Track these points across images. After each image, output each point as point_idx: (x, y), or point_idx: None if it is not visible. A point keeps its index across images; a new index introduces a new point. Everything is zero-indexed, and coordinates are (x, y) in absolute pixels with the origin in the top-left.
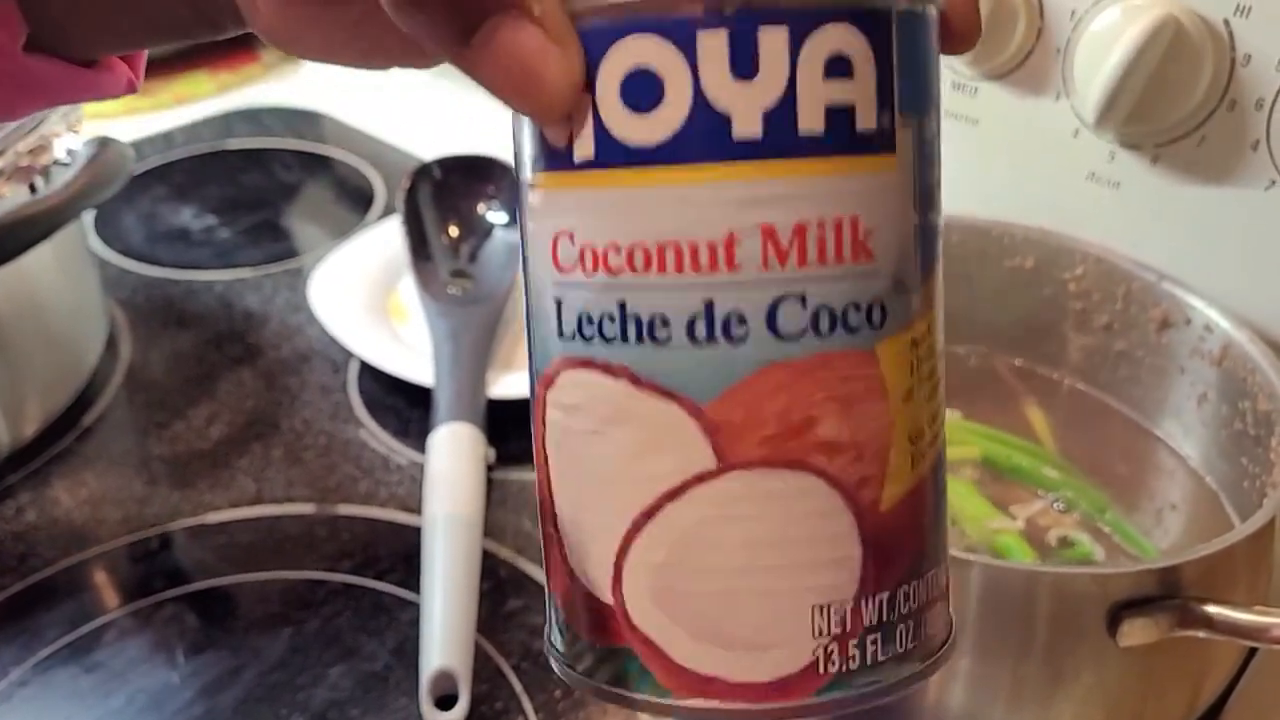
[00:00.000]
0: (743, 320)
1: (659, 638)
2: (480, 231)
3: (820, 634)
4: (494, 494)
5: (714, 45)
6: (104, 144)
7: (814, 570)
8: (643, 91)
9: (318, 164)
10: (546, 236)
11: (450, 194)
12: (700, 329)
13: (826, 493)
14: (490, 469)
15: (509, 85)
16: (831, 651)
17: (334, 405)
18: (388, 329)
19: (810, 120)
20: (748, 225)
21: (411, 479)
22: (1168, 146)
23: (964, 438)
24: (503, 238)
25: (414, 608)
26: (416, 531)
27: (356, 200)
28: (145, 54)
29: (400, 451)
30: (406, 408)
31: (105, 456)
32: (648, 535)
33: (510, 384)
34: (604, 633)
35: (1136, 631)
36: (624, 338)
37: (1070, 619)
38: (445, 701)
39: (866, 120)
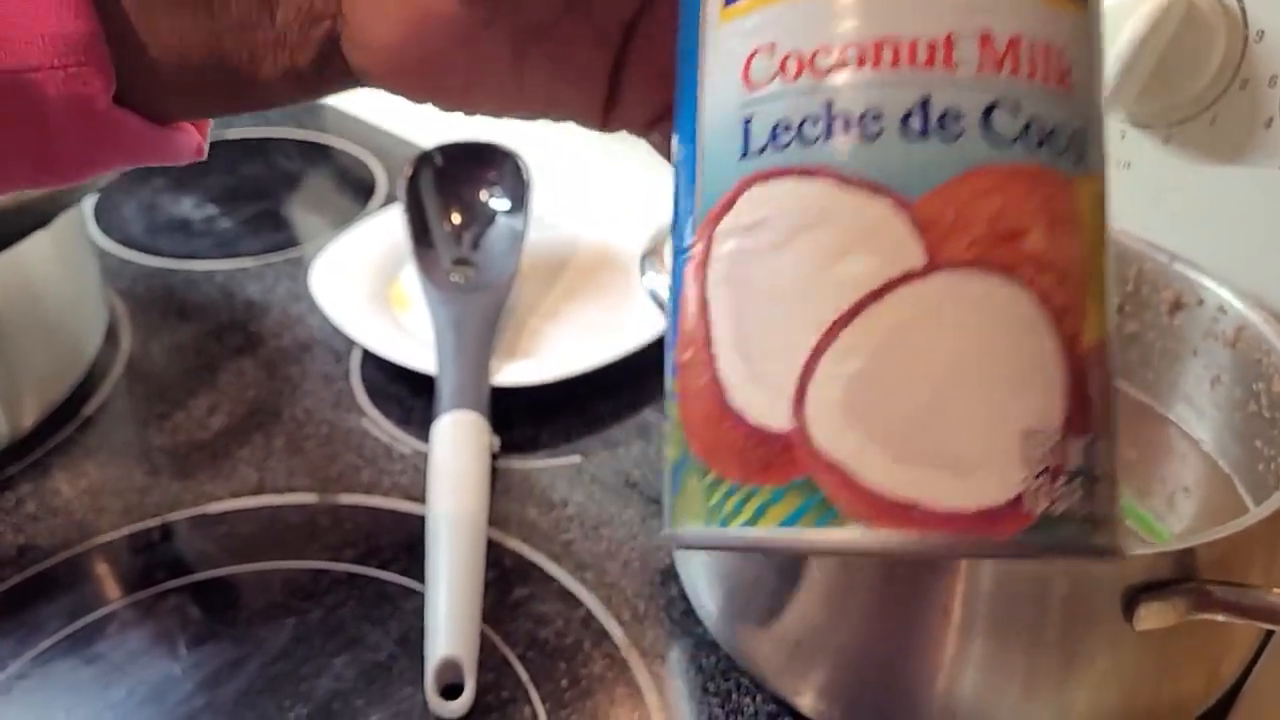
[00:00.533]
0: (959, 117)
1: (851, 460)
2: (483, 219)
3: (1029, 462)
4: (498, 483)
5: None
6: None
7: (1024, 390)
8: None
9: (318, 153)
10: (737, 60)
11: (452, 181)
12: (916, 122)
13: (1035, 308)
14: (494, 457)
15: None
16: (1041, 486)
17: (336, 394)
18: (390, 317)
19: None
20: (967, 28)
21: (415, 468)
22: (1179, 125)
23: None
24: (505, 225)
25: (418, 597)
26: (420, 521)
27: (357, 189)
28: (211, 120)
29: (403, 440)
30: (409, 396)
31: (106, 447)
32: (842, 343)
33: (514, 372)
34: (775, 470)
35: (1153, 615)
36: (829, 136)
37: (1085, 603)
38: (451, 691)
39: None
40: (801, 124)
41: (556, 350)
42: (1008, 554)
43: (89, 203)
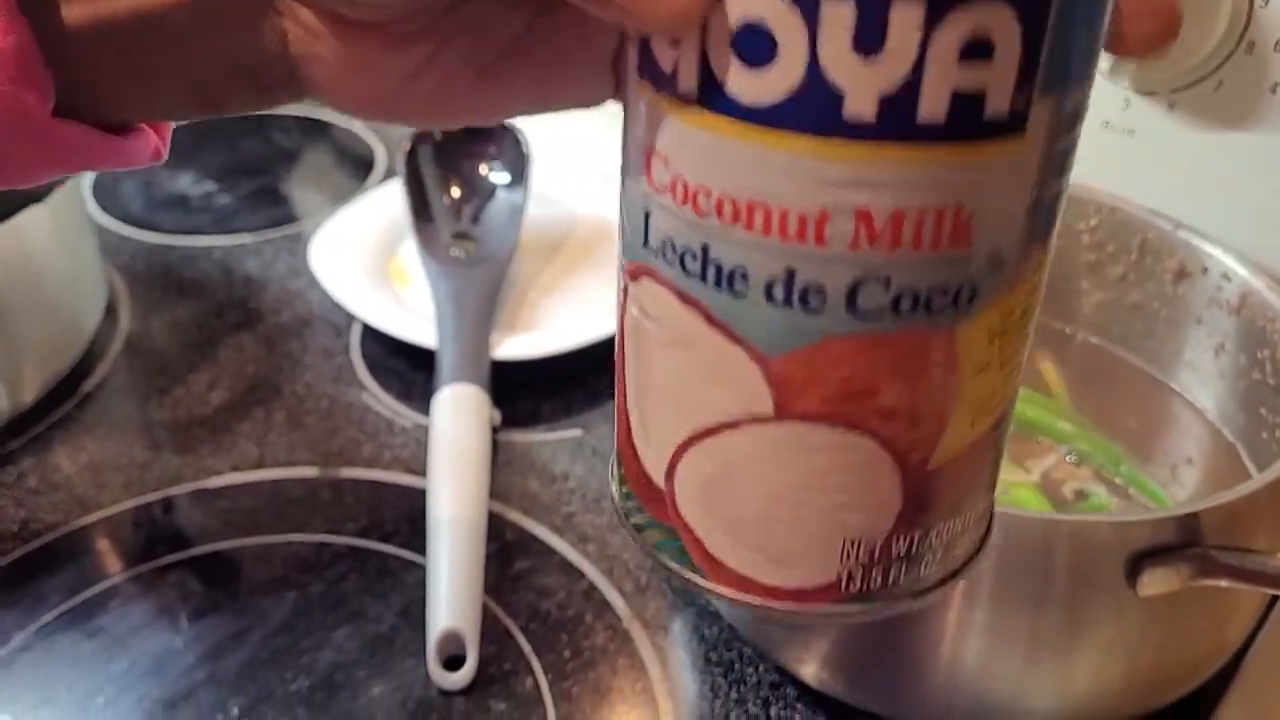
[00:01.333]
0: (821, 292)
1: (700, 531)
2: (482, 192)
3: (847, 559)
4: (499, 455)
5: (837, 15)
6: None
7: (848, 511)
8: (754, 46)
9: (317, 129)
10: (642, 147)
11: (451, 155)
12: (778, 292)
13: (875, 451)
14: (495, 431)
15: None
16: (855, 574)
17: (336, 369)
18: (389, 292)
19: (932, 107)
20: (843, 205)
21: (416, 441)
22: (1184, 91)
23: None
24: (505, 199)
25: (419, 570)
26: (421, 494)
27: (356, 165)
28: (171, 124)
29: (404, 414)
30: (409, 370)
31: (106, 422)
32: (701, 448)
33: (514, 345)
34: (655, 507)
35: (1156, 581)
36: (703, 278)
37: (1089, 569)
38: (453, 663)
39: (998, 105)
40: (684, 254)
41: (557, 323)
42: (825, 620)
43: (87, 179)
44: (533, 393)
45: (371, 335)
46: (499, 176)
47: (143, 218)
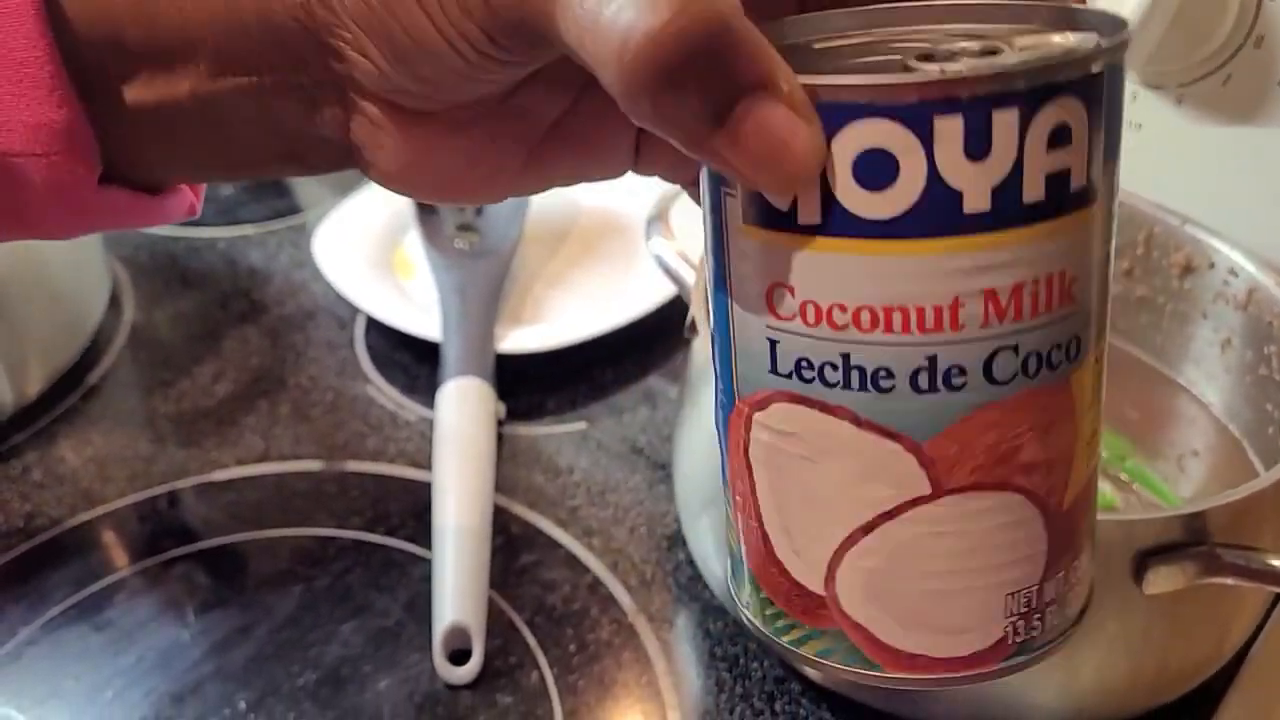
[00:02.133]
0: (962, 372)
1: (870, 625)
2: None
3: (1010, 615)
4: (504, 449)
5: (949, 129)
6: None
7: (1009, 568)
8: (876, 170)
9: None
10: (760, 283)
11: None
12: (923, 380)
13: (1024, 505)
14: (500, 424)
15: (758, 164)
16: (1019, 627)
17: (341, 362)
18: (394, 284)
19: (1033, 190)
20: (972, 290)
21: (421, 435)
22: (1192, 85)
23: None
24: None
25: (425, 564)
26: (426, 487)
27: None
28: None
29: (409, 407)
30: (414, 363)
31: (110, 415)
32: (862, 546)
33: (519, 338)
34: (813, 616)
35: (1162, 579)
36: (846, 385)
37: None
38: (458, 657)
39: (1079, 179)
40: (822, 367)
41: (561, 316)
42: (996, 678)
43: None
44: (538, 386)
45: (376, 328)
46: None
47: None
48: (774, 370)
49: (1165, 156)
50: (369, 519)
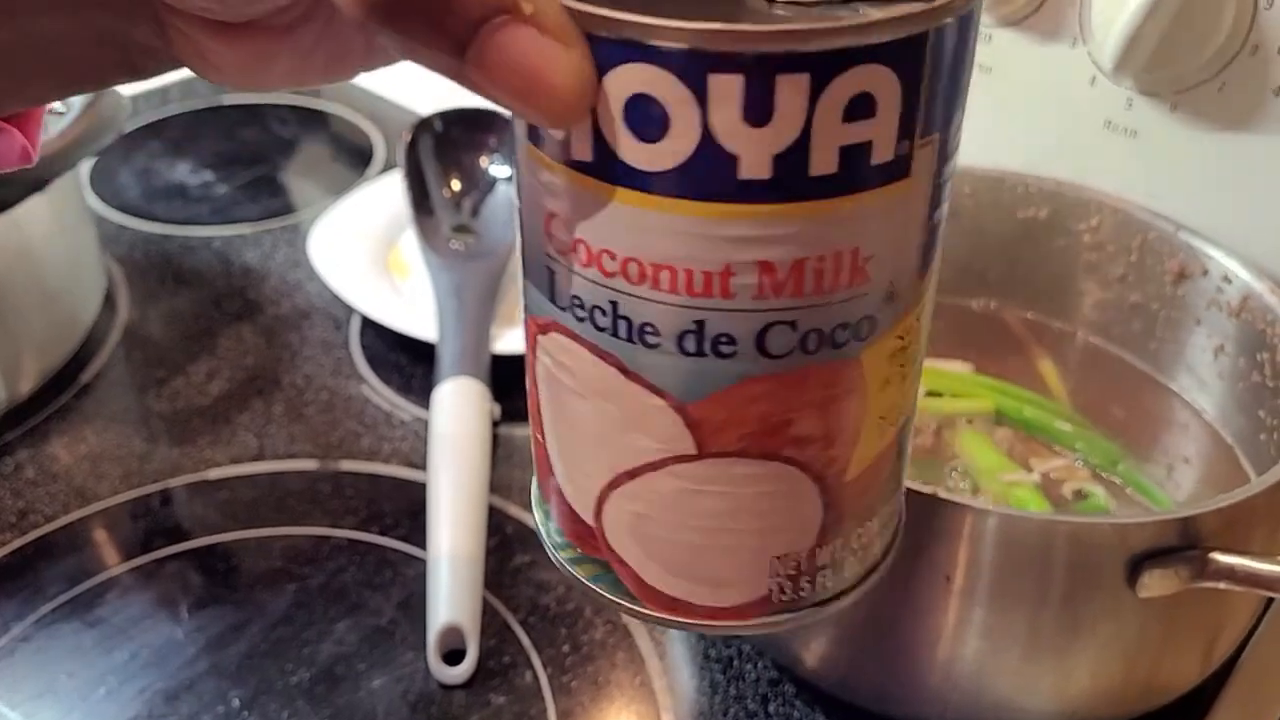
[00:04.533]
0: (731, 340)
1: (633, 563)
2: (483, 185)
3: (776, 575)
4: (499, 449)
5: (725, 88)
6: (99, 94)
7: (775, 532)
8: (646, 119)
9: (315, 119)
10: (540, 210)
11: (452, 147)
12: (690, 343)
13: (796, 477)
14: (495, 424)
15: (514, 94)
16: (785, 587)
17: (335, 361)
18: (389, 284)
19: (822, 163)
20: (746, 260)
21: (415, 435)
22: (1187, 93)
23: (976, 391)
24: (505, 191)
25: (420, 563)
26: (421, 487)
27: (355, 156)
28: (42, 121)
29: (403, 407)
30: (409, 364)
31: (104, 413)
32: (626, 490)
33: (515, 339)
34: (586, 543)
35: (1156, 583)
36: (614, 333)
37: (1089, 570)
38: (453, 656)
39: (884, 153)
40: (593, 310)
41: None
42: (759, 632)
43: (85, 168)
44: None
45: (371, 328)
46: (499, 169)
47: (141, 207)
48: (552, 300)
49: (1160, 163)
50: (363, 518)
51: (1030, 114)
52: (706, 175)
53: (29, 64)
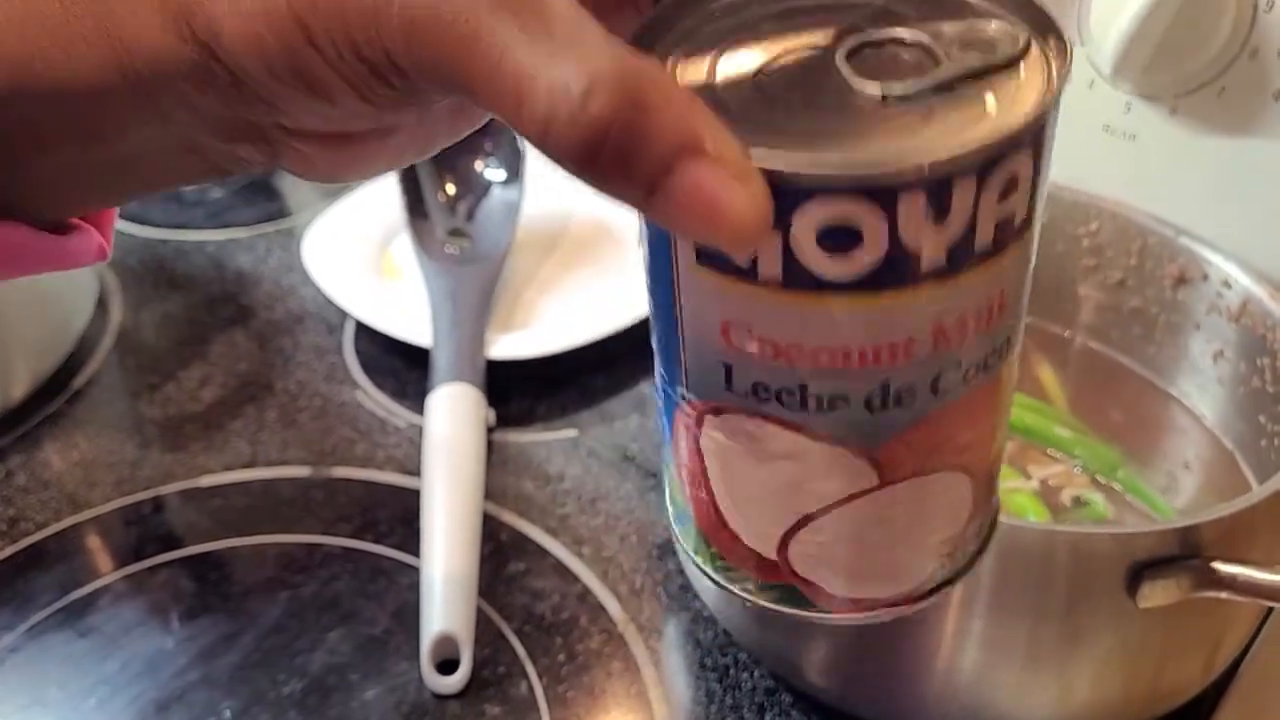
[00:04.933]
0: (912, 391)
1: (820, 582)
2: (478, 189)
3: (940, 556)
4: (494, 456)
5: (912, 201)
6: None
7: (944, 525)
8: (838, 238)
9: None
10: (714, 317)
11: (446, 151)
12: (875, 401)
13: (959, 478)
14: (490, 431)
15: (699, 226)
16: (945, 563)
17: (329, 367)
18: (384, 289)
19: (984, 238)
20: (924, 328)
21: (410, 441)
22: (1186, 96)
23: None
24: (500, 195)
25: (413, 571)
26: (415, 494)
27: None
28: (115, 218)
29: (398, 413)
30: (404, 369)
31: (96, 419)
32: (813, 526)
33: (510, 344)
34: (767, 574)
35: (1157, 592)
36: (803, 407)
37: (1089, 580)
38: (446, 666)
39: (1023, 215)
40: (779, 392)
41: (553, 323)
42: (925, 605)
43: None
44: (528, 392)
45: (365, 333)
46: (494, 173)
47: (134, 212)
48: (729, 389)
49: (1160, 168)
50: (357, 526)
51: None
52: (893, 272)
53: (115, 176)
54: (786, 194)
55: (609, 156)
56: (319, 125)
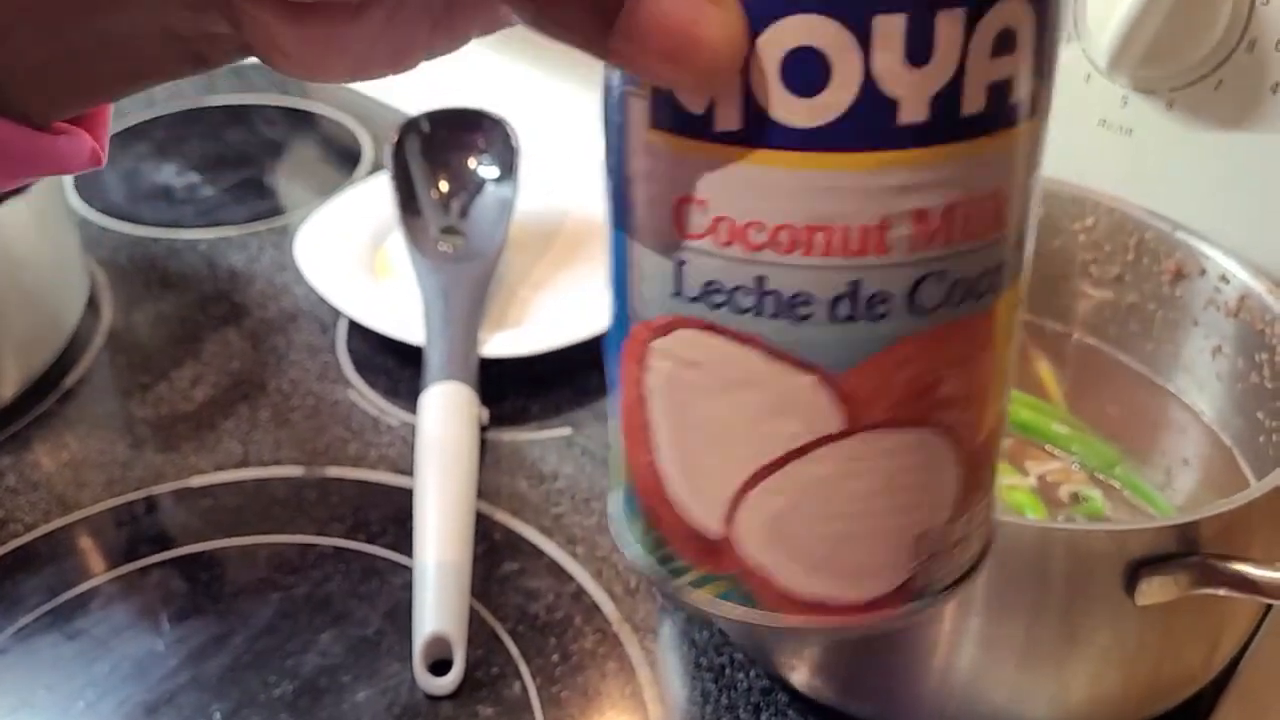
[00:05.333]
0: (886, 299)
1: (769, 569)
2: (471, 187)
3: (917, 557)
4: (487, 455)
5: (890, 29)
6: None
7: (920, 508)
8: (805, 73)
9: (303, 120)
10: (667, 197)
11: (439, 148)
12: (843, 308)
13: (940, 442)
14: (483, 429)
15: (661, 58)
16: (922, 570)
17: (322, 365)
18: (376, 287)
19: (973, 101)
20: (902, 210)
21: (403, 440)
22: (1183, 90)
23: None
24: (494, 193)
25: (406, 572)
26: (408, 494)
27: (342, 157)
28: (109, 121)
29: (391, 412)
30: (397, 368)
31: (87, 419)
32: (767, 485)
33: (503, 342)
34: (708, 560)
35: (1155, 590)
36: (759, 311)
37: (1086, 577)
38: (439, 667)
39: (1019, 92)
40: (733, 291)
41: (546, 321)
42: (893, 625)
43: None
44: (522, 391)
45: (358, 331)
46: (488, 170)
47: (125, 210)
48: (678, 294)
49: (1156, 162)
50: (349, 526)
51: None
52: (866, 125)
53: (99, 65)
54: (753, 11)
55: None
56: None
